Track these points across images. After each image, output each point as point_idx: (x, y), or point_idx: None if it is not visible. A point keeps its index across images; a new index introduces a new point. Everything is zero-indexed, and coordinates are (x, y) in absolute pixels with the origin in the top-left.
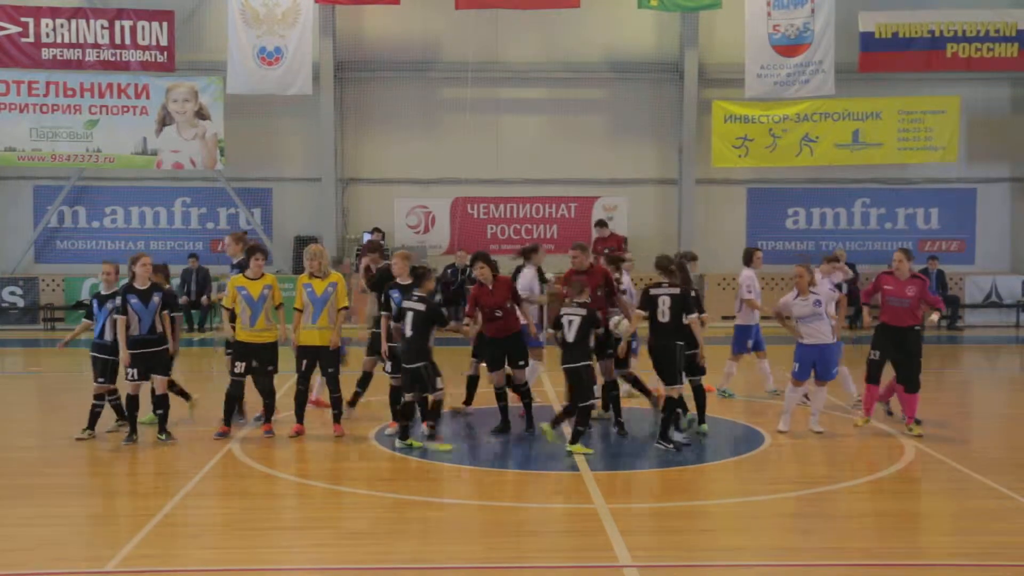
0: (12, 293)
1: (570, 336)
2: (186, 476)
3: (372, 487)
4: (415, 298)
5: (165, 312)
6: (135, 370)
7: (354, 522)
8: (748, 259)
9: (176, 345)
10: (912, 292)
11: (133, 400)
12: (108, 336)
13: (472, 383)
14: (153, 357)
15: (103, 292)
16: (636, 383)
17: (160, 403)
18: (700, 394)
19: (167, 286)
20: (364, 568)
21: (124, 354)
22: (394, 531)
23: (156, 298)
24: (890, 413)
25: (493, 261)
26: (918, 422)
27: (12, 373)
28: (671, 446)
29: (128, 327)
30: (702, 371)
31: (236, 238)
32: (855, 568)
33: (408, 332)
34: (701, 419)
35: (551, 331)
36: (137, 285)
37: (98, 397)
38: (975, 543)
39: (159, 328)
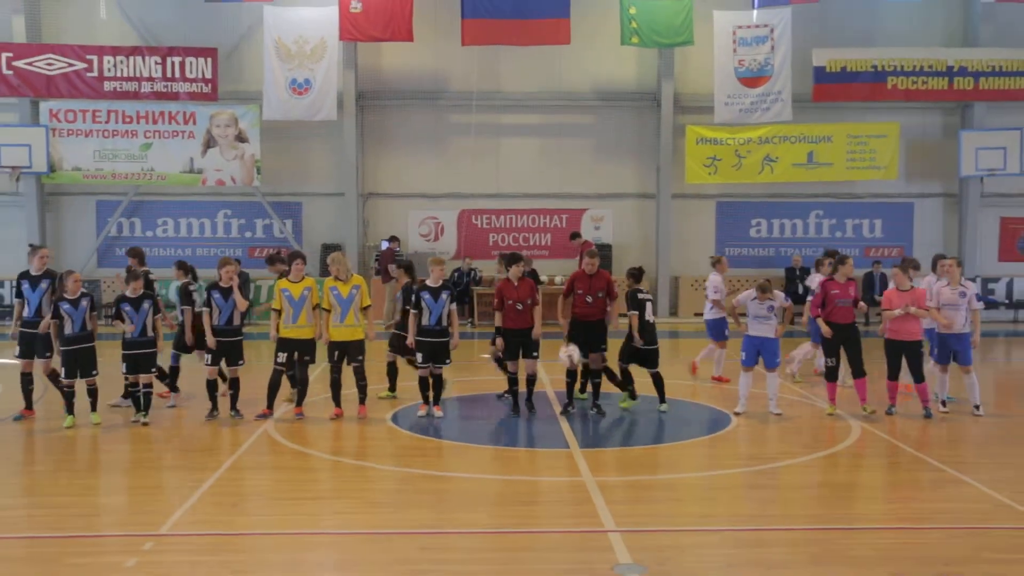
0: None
1: (651, 317)
2: (228, 452)
3: (390, 462)
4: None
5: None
6: (210, 356)
7: (374, 493)
8: (715, 264)
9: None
10: (853, 292)
11: (212, 383)
12: (151, 332)
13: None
14: (231, 347)
15: (129, 295)
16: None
17: (233, 384)
18: (658, 379)
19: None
20: (383, 532)
21: (211, 341)
22: (409, 501)
23: (233, 295)
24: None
25: (527, 261)
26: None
27: None
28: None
29: (212, 319)
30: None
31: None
32: (806, 532)
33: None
34: (662, 399)
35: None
36: (222, 284)
37: (146, 385)
38: (909, 509)
39: (236, 321)
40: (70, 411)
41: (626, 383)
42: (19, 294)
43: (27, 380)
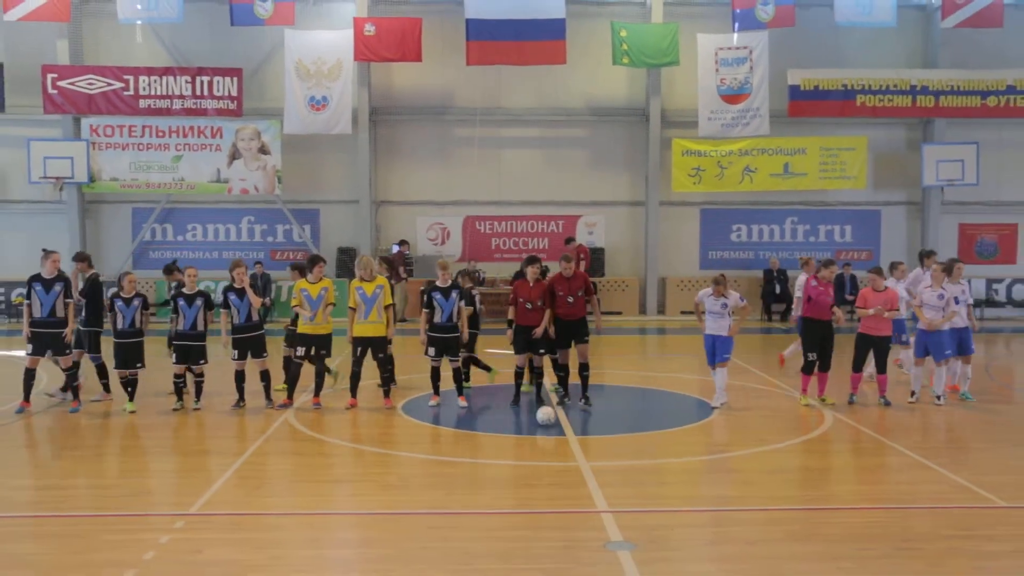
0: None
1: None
2: (252, 439)
3: (401, 449)
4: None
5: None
6: (236, 351)
7: (386, 477)
8: (803, 265)
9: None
10: (831, 294)
11: (240, 374)
12: (200, 327)
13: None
14: (253, 341)
15: (186, 292)
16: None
17: (264, 376)
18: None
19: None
20: (395, 513)
21: (226, 339)
22: (419, 484)
23: (253, 293)
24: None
25: (543, 265)
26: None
27: None
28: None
29: (231, 318)
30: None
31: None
32: (782, 511)
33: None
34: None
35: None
36: (235, 285)
37: (198, 375)
38: (877, 491)
39: (255, 317)
40: (131, 398)
41: (481, 366)
42: (28, 295)
43: (30, 375)
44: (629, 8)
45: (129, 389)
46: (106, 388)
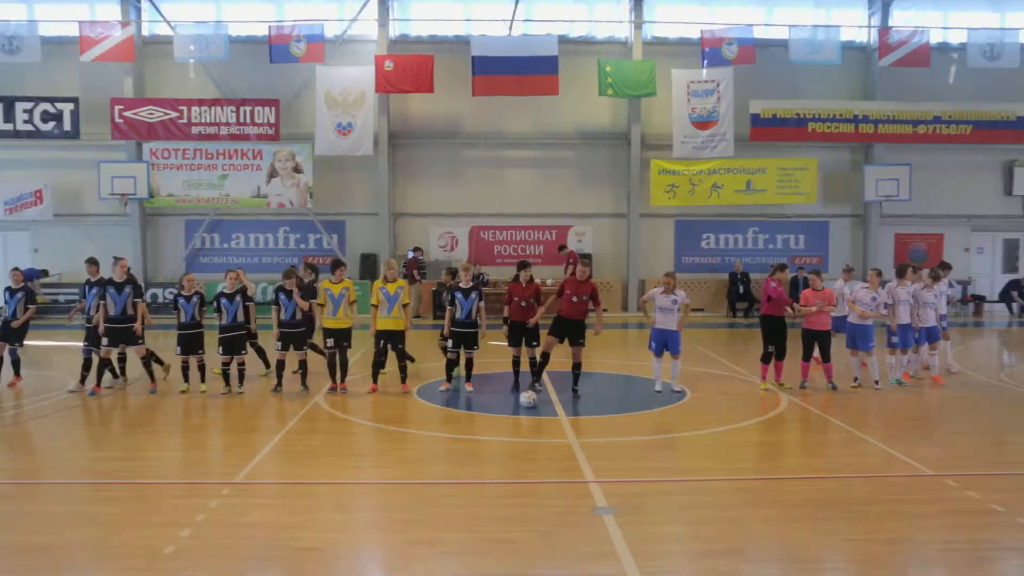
0: (170, 292)
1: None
2: (287, 419)
3: (416, 427)
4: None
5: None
6: (281, 343)
7: (403, 451)
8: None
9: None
10: (783, 291)
11: (281, 363)
12: (240, 319)
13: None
14: (297, 336)
15: (227, 291)
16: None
17: (302, 365)
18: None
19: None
20: (410, 483)
21: (276, 332)
22: (431, 458)
23: (300, 298)
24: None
25: (530, 268)
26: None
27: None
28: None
29: (280, 313)
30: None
31: (307, 265)
32: (744, 480)
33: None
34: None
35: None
36: (286, 288)
37: (240, 363)
38: (826, 463)
39: (299, 316)
40: (186, 379)
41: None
42: (103, 296)
43: (105, 364)
44: (613, 47)
45: (195, 370)
46: (117, 374)
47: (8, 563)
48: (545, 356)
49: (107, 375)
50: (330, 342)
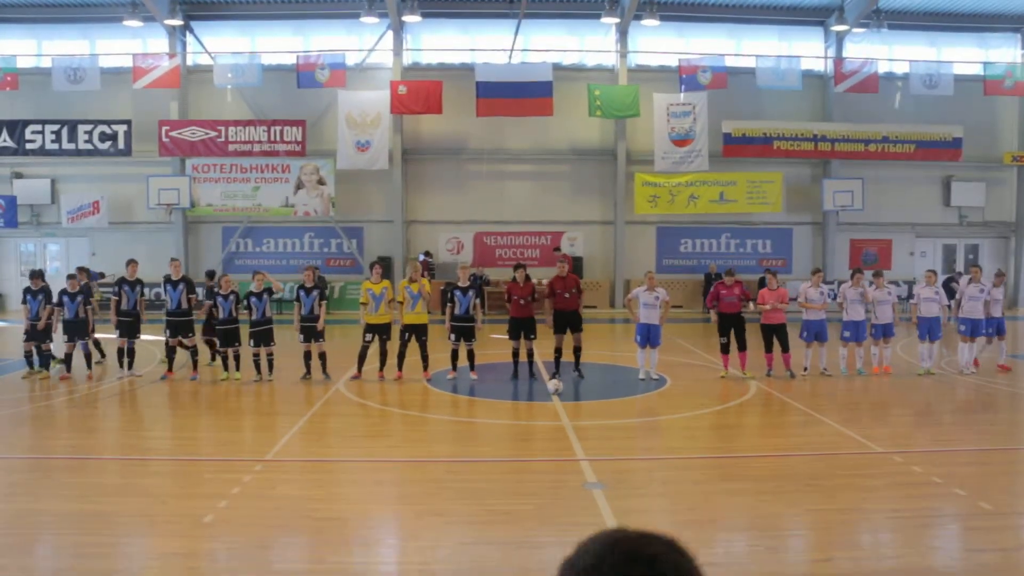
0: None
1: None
2: (311, 404)
3: (425, 411)
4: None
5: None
6: (303, 335)
7: (414, 432)
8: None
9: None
10: (737, 291)
11: (307, 354)
12: (268, 313)
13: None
14: (314, 329)
15: (254, 290)
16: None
17: (321, 356)
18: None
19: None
20: (420, 460)
21: (298, 325)
22: (439, 438)
23: (313, 294)
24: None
25: (524, 269)
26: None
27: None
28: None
29: (300, 309)
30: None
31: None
32: (717, 458)
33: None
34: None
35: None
36: (306, 284)
37: (268, 354)
38: (788, 442)
39: (316, 311)
40: (225, 368)
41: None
42: (165, 292)
43: (171, 350)
44: (601, 73)
45: (231, 361)
46: (130, 365)
47: (70, 527)
48: (558, 351)
49: (96, 354)
50: (369, 336)
